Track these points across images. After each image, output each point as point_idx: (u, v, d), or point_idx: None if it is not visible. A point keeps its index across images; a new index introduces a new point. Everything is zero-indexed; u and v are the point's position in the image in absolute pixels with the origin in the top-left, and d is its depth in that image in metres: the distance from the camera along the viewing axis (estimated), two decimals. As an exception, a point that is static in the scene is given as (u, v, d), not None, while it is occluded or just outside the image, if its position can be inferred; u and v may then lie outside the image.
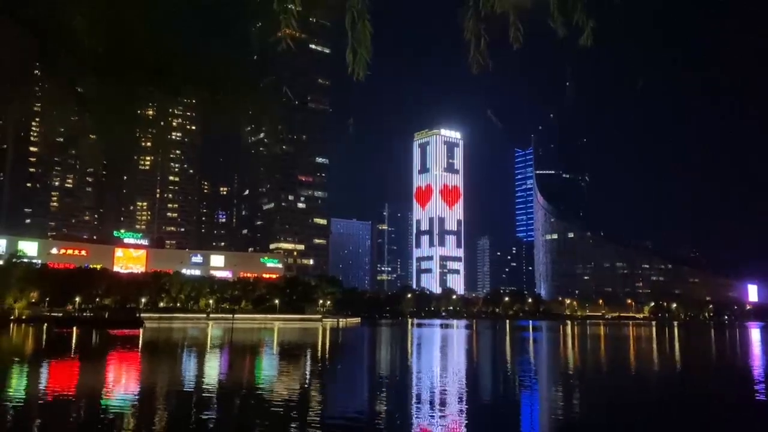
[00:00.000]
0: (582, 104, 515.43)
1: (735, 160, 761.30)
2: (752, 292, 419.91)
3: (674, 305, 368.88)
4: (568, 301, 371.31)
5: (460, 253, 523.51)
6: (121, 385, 33.00)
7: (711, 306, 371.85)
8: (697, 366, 52.45)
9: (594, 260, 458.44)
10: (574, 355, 61.65)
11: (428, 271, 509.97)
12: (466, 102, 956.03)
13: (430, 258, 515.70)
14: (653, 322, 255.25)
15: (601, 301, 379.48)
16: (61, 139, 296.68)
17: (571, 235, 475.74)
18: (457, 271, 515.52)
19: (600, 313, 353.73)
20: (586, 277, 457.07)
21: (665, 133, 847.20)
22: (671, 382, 39.52)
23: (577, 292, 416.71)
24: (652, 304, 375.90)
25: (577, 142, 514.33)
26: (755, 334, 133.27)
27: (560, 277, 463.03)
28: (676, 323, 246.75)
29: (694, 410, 27.05)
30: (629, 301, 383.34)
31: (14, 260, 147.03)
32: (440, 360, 52.71)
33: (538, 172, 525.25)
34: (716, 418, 25.14)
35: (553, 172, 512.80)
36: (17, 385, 32.47)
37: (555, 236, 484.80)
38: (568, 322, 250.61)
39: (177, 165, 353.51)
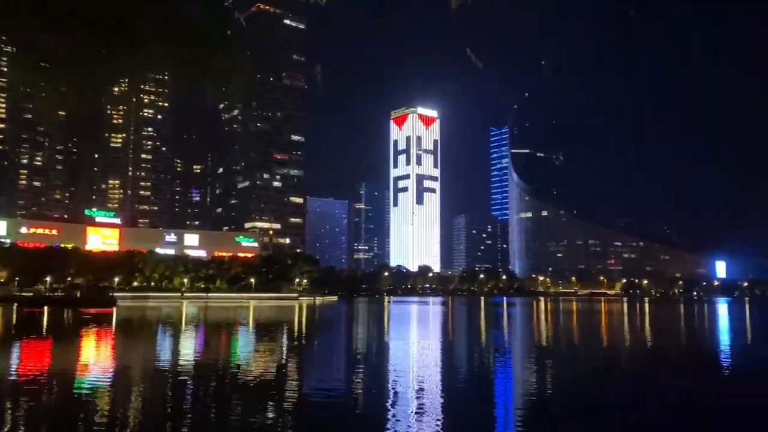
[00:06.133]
0: (557, 83, 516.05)
1: (703, 139, 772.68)
2: (720, 269, 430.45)
3: (645, 282, 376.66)
4: (541, 278, 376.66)
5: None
6: (95, 364, 32.71)
7: (681, 282, 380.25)
8: (660, 340, 53.65)
9: (567, 238, 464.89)
10: (546, 330, 62.68)
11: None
12: (441, 83, 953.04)
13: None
14: (624, 299, 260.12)
15: (573, 278, 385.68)
16: (30, 116, 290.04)
17: (545, 213, 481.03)
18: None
19: (573, 290, 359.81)
20: (559, 255, 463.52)
21: (637, 114, 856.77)
22: (637, 356, 40.42)
23: (550, 269, 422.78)
24: (624, 280, 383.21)
25: (551, 121, 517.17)
26: (721, 309, 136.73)
27: (534, 255, 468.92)
28: (646, 299, 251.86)
29: (655, 382, 27.75)
30: (601, 278, 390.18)
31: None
32: (416, 335, 53.14)
33: (513, 150, 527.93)
34: (675, 387, 25.79)
35: (528, 150, 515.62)
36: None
37: (529, 214, 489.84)
38: (542, 298, 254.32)
39: (149, 142, 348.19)
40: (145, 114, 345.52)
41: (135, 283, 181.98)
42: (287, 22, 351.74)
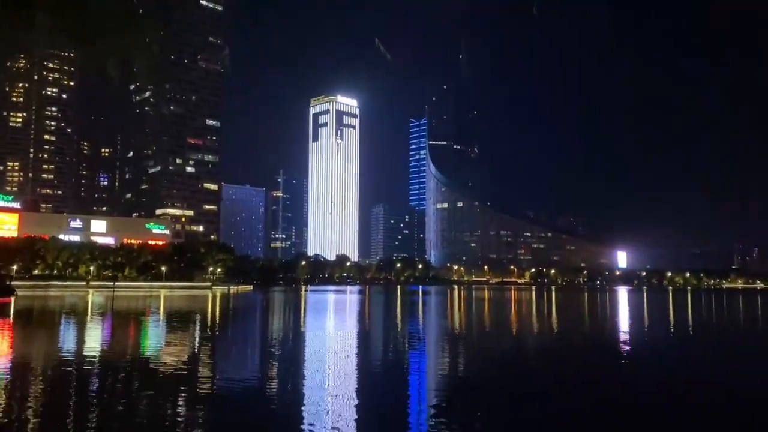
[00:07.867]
0: (474, 77, 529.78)
1: (606, 138, 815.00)
2: (621, 259, 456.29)
3: (552, 271, 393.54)
4: (456, 267, 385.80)
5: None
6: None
7: (585, 271, 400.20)
8: (563, 325, 56.47)
9: (480, 228, 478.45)
10: (459, 317, 64.51)
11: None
12: (362, 73, 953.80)
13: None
14: (533, 287, 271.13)
15: (486, 267, 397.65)
16: None
17: (460, 204, 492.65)
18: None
19: (485, 279, 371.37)
20: (473, 245, 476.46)
21: (551, 110, 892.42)
22: (544, 340, 42.38)
23: (464, 258, 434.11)
24: (533, 270, 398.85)
25: (467, 114, 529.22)
26: (621, 297, 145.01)
27: (450, 245, 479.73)
28: (553, 288, 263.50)
29: (558, 361, 29.31)
30: (512, 267, 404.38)
31: None
32: (332, 324, 53.32)
33: (431, 142, 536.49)
34: (577, 364, 27.37)
35: (445, 143, 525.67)
36: None
37: (445, 205, 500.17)
38: (456, 286, 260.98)
39: (53, 123, 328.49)
40: (49, 92, 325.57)
41: (36, 271, 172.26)
42: (204, 3, 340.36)
